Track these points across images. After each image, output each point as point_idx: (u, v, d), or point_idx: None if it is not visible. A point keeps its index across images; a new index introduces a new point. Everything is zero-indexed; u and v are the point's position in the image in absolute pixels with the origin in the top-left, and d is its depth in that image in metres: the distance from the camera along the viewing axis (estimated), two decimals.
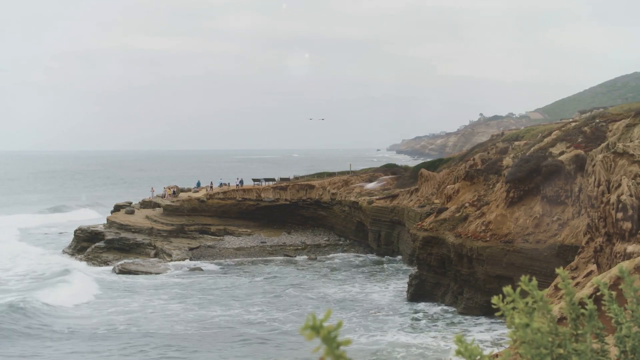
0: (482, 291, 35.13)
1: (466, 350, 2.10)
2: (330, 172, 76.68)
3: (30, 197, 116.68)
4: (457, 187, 45.39)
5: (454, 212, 40.80)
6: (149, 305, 39.45)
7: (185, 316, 36.97)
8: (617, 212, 18.60)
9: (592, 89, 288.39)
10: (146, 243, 55.91)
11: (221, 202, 63.95)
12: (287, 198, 65.28)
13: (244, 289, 44.12)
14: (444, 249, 38.52)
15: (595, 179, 20.10)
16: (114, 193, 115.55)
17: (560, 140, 39.42)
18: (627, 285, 2.53)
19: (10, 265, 51.98)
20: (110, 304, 40.04)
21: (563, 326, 2.32)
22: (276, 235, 62.04)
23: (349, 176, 68.99)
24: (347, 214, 61.91)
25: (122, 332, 33.81)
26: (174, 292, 42.79)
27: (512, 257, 33.71)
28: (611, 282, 11.17)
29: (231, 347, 31.25)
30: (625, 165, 19.24)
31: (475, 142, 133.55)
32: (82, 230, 58.82)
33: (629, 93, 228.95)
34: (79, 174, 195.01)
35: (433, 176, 55.18)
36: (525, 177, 35.70)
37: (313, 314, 1.71)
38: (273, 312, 37.75)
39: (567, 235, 32.29)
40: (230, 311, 38.02)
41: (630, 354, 2.39)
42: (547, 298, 2.30)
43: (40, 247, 60.90)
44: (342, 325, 1.74)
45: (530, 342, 2.16)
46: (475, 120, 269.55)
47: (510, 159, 44.46)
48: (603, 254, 19.31)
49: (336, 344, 1.69)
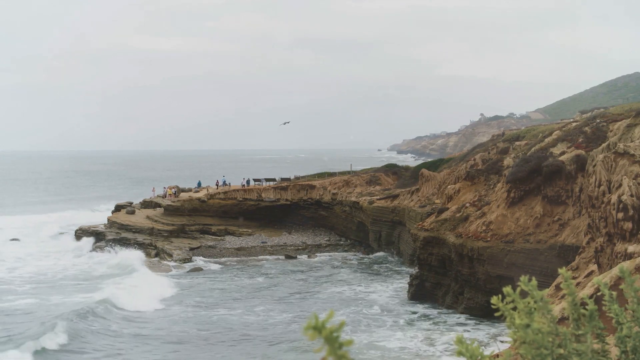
0: (483, 291, 35.12)
1: (467, 350, 2.11)
2: (331, 172, 76.71)
3: (31, 197, 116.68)
4: (457, 187, 45.37)
5: (455, 212, 40.79)
6: (148, 305, 39.43)
7: (185, 316, 36.96)
8: (617, 212, 18.60)
9: (592, 89, 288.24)
10: (147, 243, 55.94)
11: (222, 202, 63.98)
12: (287, 198, 65.29)
13: (245, 289, 44.11)
14: (444, 249, 38.51)
15: (596, 179, 20.10)
16: (115, 193, 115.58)
17: (561, 141, 39.41)
18: (627, 286, 2.54)
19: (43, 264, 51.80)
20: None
21: (564, 326, 2.33)
22: (277, 235, 62.06)
23: (350, 176, 69.00)
24: (347, 214, 61.91)
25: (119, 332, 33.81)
26: (175, 292, 42.77)
27: (512, 257, 33.70)
28: (612, 282, 11.18)
29: (232, 347, 31.24)
30: (626, 166, 19.24)
31: (476, 142, 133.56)
32: (83, 230, 58.85)
33: (630, 93, 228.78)
34: (79, 174, 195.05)
35: (434, 176, 55.16)
36: (526, 177, 35.69)
37: (315, 314, 1.72)
38: (274, 312, 37.73)
39: (567, 236, 32.29)
40: (232, 311, 38.02)
41: (631, 354, 2.40)
42: (547, 298, 2.31)
43: (41, 247, 60.84)
44: (344, 325, 1.75)
45: (531, 342, 2.17)
46: (476, 120, 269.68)
47: (511, 159, 44.45)
48: (604, 254, 19.31)
49: (338, 344, 1.70)
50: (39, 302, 39.15)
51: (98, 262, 52.35)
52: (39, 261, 53.22)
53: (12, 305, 38.37)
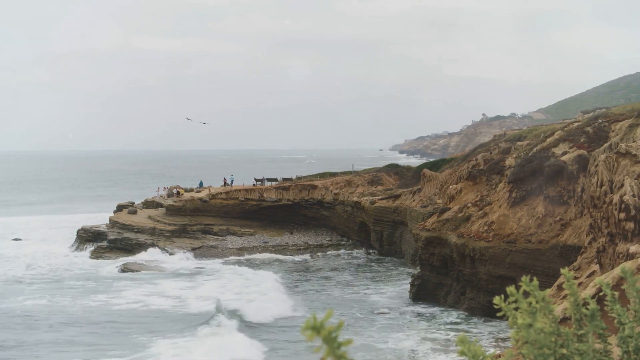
0: (485, 291, 35.11)
1: (469, 350, 2.10)
2: (333, 172, 76.69)
3: (31, 197, 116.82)
4: (459, 187, 45.34)
5: (457, 212, 40.77)
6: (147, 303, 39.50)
7: (184, 315, 36.99)
8: (619, 213, 18.58)
9: (594, 89, 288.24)
10: (149, 243, 55.97)
11: (224, 202, 64.00)
12: (289, 198, 65.30)
13: (245, 289, 44.10)
14: (446, 249, 38.50)
15: (597, 179, 20.08)
16: (116, 193, 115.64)
17: (562, 141, 39.37)
18: (629, 286, 2.53)
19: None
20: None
21: (566, 326, 2.31)
22: (279, 235, 62.06)
23: (352, 176, 68.98)
24: (349, 214, 61.92)
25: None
26: (175, 292, 42.80)
27: (514, 257, 33.69)
28: (614, 282, 11.16)
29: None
30: (627, 166, 19.22)
31: (477, 142, 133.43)
32: (85, 230, 58.90)
33: (632, 93, 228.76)
34: (80, 174, 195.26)
35: (435, 176, 55.15)
36: (527, 177, 35.67)
37: (314, 314, 1.71)
38: (274, 312, 37.71)
39: (569, 236, 32.27)
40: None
41: (633, 354, 2.38)
42: (549, 298, 2.29)
43: (45, 247, 60.84)
44: (343, 325, 1.73)
45: (533, 342, 2.16)
46: (478, 121, 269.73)
47: (513, 159, 44.42)
48: (606, 254, 19.29)
49: (337, 344, 1.69)
50: (48, 303, 39.29)
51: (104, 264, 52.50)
52: (49, 260, 53.39)
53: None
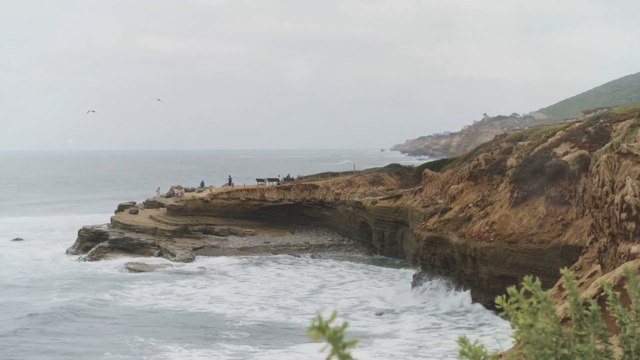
0: (486, 291, 35.11)
1: (470, 350, 2.11)
2: (334, 172, 76.69)
3: (31, 197, 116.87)
4: (461, 188, 45.33)
5: (458, 212, 40.77)
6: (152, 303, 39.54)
7: (185, 315, 37.04)
8: (621, 213, 18.58)
9: (596, 89, 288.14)
10: (150, 243, 56.00)
11: (225, 202, 64.00)
12: (291, 198, 65.29)
13: (246, 289, 44.16)
14: (447, 249, 38.50)
15: (599, 179, 20.08)
16: (117, 193, 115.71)
17: (564, 141, 39.36)
18: (631, 286, 2.54)
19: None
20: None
21: (567, 327, 2.33)
22: (280, 235, 62.07)
23: (353, 176, 68.97)
24: (350, 214, 61.90)
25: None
26: (176, 292, 42.84)
27: (516, 258, 33.68)
28: (615, 282, 11.16)
29: (234, 347, 31.27)
30: (629, 166, 19.21)
31: (479, 143, 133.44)
32: (86, 230, 58.93)
33: (633, 93, 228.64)
34: (80, 174, 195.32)
35: (437, 176, 55.14)
36: (529, 178, 35.66)
37: (319, 314, 1.73)
38: (275, 312, 37.77)
39: (571, 236, 32.26)
40: (233, 310, 38.06)
41: (634, 355, 2.40)
42: (550, 298, 2.31)
43: (46, 247, 60.93)
44: (347, 325, 1.75)
45: (535, 342, 2.17)
46: (479, 121, 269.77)
47: (514, 159, 44.41)
48: (607, 255, 19.29)
49: (342, 345, 1.71)
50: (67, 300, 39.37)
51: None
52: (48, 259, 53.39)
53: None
